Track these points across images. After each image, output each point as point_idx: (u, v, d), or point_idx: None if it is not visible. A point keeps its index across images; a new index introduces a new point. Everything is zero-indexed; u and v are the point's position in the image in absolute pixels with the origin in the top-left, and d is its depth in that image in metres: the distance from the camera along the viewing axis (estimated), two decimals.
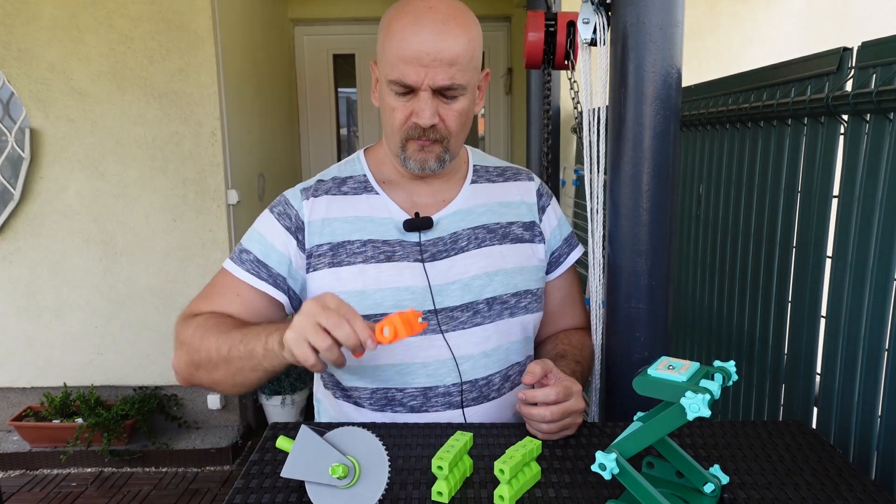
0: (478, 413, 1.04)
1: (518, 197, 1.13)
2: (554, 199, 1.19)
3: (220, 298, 1.05)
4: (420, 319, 0.98)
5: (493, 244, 1.07)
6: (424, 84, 0.93)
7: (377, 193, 1.07)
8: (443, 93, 0.95)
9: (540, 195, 1.15)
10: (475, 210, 1.09)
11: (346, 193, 1.07)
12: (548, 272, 1.15)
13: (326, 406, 1.13)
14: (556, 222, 1.16)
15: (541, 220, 1.14)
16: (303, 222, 1.04)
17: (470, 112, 1.01)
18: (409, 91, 0.95)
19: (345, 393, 1.07)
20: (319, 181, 1.09)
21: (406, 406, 1.02)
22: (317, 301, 0.83)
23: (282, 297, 1.04)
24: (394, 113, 0.97)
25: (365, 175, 1.09)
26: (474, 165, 1.14)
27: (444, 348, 1.01)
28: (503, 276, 1.06)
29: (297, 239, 1.04)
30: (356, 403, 1.06)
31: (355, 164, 1.12)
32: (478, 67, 1.00)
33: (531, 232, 1.12)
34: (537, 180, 1.18)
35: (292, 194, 1.08)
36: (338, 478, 0.72)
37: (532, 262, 1.11)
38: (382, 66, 0.98)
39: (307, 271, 1.03)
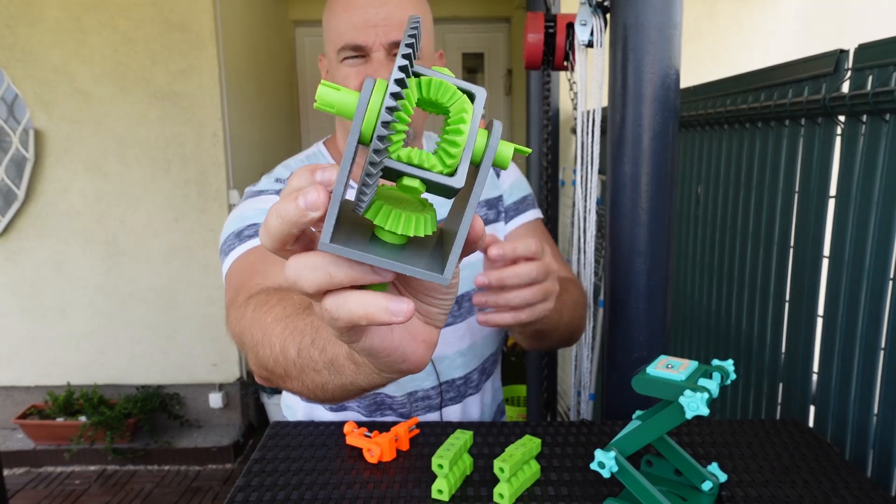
0: (456, 411, 1.03)
1: None
2: (514, 164, 1.15)
3: (255, 276, 0.82)
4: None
5: None
6: (377, 44, 0.89)
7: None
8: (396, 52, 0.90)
9: None
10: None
11: None
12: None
13: (297, 411, 1.07)
14: (507, 186, 1.09)
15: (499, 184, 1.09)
16: None
17: None
18: (362, 56, 0.91)
19: None
20: (286, 171, 1.02)
21: (396, 412, 1.02)
22: None
23: None
24: (346, 81, 0.91)
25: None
26: None
27: None
28: (469, 270, 1.00)
29: None
30: (342, 406, 1.02)
31: (318, 157, 1.06)
32: (431, 40, 0.96)
33: (495, 210, 1.06)
34: None
35: (266, 183, 0.99)
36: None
37: None
38: (331, 41, 0.93)
39: None
